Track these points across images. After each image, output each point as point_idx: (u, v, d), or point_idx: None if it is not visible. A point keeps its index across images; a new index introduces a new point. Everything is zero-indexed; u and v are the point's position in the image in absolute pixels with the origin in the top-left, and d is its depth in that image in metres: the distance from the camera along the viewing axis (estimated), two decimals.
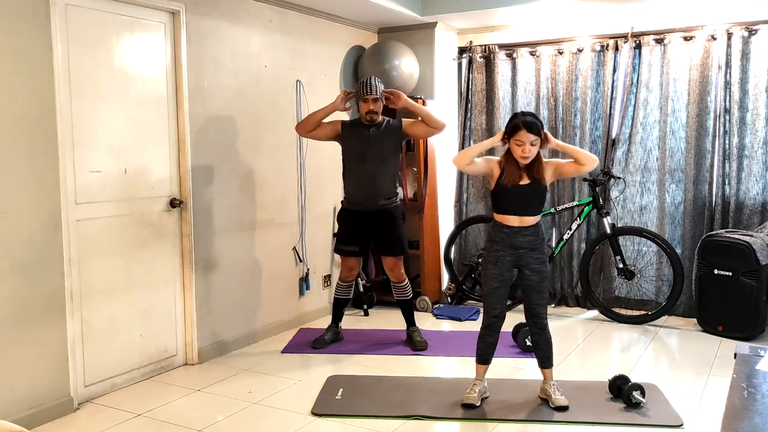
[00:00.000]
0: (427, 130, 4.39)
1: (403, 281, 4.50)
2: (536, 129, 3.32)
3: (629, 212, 5.39)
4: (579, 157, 3.43)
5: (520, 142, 3.31)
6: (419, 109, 4.36)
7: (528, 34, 5.64)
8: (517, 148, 3.34)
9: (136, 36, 3.81)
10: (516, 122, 3.35)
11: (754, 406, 1.77)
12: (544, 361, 3.52)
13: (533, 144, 3.32)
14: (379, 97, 4.28)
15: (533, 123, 3.32)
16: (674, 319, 5.15)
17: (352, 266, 4.53)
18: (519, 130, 3.31)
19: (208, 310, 4.29)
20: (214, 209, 4.31)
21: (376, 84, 4.29)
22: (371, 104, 4.27)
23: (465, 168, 3.49)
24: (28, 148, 3.24)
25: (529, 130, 3.30)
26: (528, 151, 3.32)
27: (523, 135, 3.30)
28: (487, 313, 3.51)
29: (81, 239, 3.53)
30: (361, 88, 4.28)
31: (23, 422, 3.14)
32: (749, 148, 4.92)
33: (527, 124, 3.31)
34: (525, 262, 3.45)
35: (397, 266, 4.47)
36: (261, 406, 3.54)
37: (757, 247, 4.48)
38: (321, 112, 4.36)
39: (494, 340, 3.52)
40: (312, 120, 4.36)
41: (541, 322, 3.49)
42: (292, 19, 4.90)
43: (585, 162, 3.42)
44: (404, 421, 3.33)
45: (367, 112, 4.28)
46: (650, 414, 3.35)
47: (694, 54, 5.04)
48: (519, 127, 3.32)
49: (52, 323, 3.38)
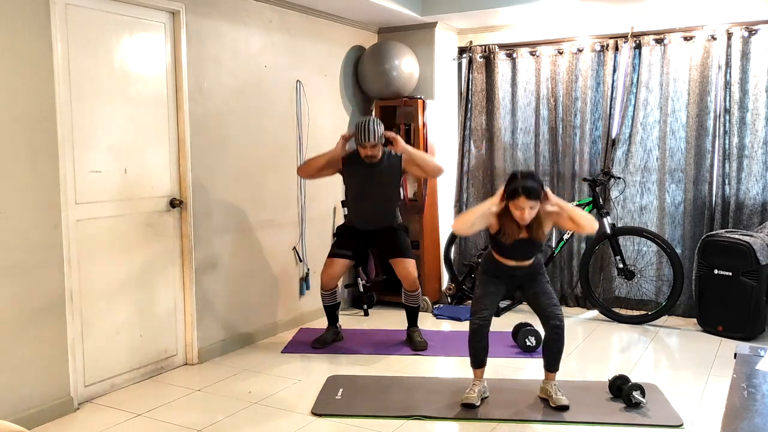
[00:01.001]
0: (423, 173, 4.48)
1: (417, 290, 4.50)
2: (535, 195, 3.24)
3: (629, 212, 5.39)
4: (579, 222, 3.34)
5: (519, 207, 3.26)
6: (418, 156, 4.35)
7: (528, 34, 5.64)
8: (516, 212, 3.29)
9: (136, 36, 3.81)
10: (515, 187, 3.25)
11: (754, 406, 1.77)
12: (551, 365, 3.50)
13: (532, 208, 3.26)
14: (377, 143, 4.24)
15: (533, 189, 3.23)
16: (674, 319, 5.15)
17: (334, 274, 4.47)
18: (518, 197, 3.24)
19: (208, 310, 4.29)
20: (214, 209, 4.31)
21: (375, 128, 4.21)
22: (369, 150, 4.25)
23: (466, 233, 3.46)
24: (28, 148, 3.24)
25: (528, 197, 3.23)
26: (527, 214, 3.27)
27: (522, 201, 3.24)
28: (476, 315, 3.47)
29: (81, 239, 3.53)
30: (359, 133, 4.22)
31: (23, 422, 3.14)
32: (749, 148, 4.92)
33: (527, 190, 3.23)
34: (523, 282, 3.51)
35: (411, 273, 4.43)
36: (261, 406, 3.54)
37: (757, 247, 4.48)
38: (322, 158, 4.35)
39: (484, 345, 3.49)
40: (313, 166, 4.37)
41: (560, 326, 3.42)
42: (292, 19, 4.90)
43: (584, 226, 3.35)
44: (404, 421, 3.33)
45: (365, 156, 4.27)
46: (650, 414, 3.35)
47: (694, 54, 5.04)
48: (518, 193, 3.24)
49: (52, 323, 3.38)
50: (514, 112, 5.72)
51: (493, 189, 5.79)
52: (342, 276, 4.58)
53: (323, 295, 4.55)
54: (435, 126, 5.64)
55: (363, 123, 4.22)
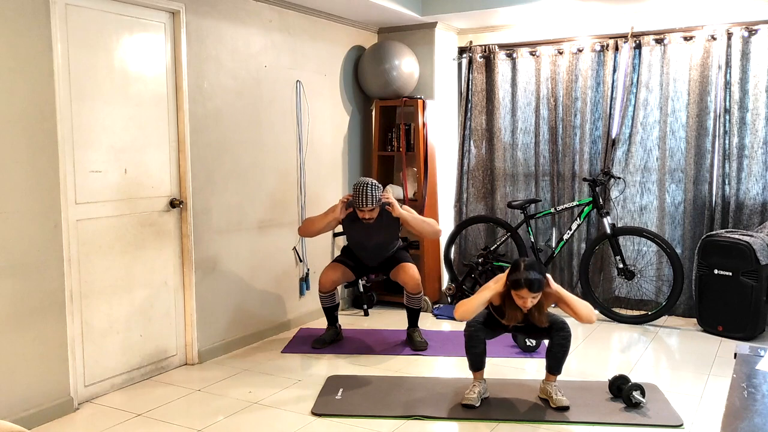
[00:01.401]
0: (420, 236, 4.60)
1: (420, 293, 4.51)
2: (538, 287, 3.23)
3: (629, 212, 5.39)
4: (578, 312, 3.34)
5: (521, 297, 3.26)
6: (412, 221, 4.37)
7: (528, 34, 5.64)
8: (518, 300, 3.29)
9: (136, 36, 3.81)
10: (518, 278, 3.24)
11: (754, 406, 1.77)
12: (554, 368, 3.49)
13: (534, 298, 3.26)
14: (375, 207, 4.26)
15: (536, 281, 3.22)
16: (674, 319, 5.16)
17: (335, 278, 4.51)
18: (521, 288, 3.24)
19: (208, 310, 4.29)
20: (214, 209, 4.31)
21: (372, 194, 4.22)
22: (367, 214, 4.28)
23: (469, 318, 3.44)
24: (28, 148, 3.24)
25: (530, 289, 3.23)
26: (529, 303, 3.27)
27: (525, 293, 3.24)
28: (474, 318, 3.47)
29: (81, 239, 3.53)
30: (357, 198, 4.24)
31: (23, 422, 3.14)
32: (749, 148, 4.92)
33: (529, 282, 3.21)
34: None
35: (414, 276, 4.45)
36: (261, 406, 3.54)
37: (757, 247, 4.48)
38: (323, 222, 4.39)
39: (481, 350, 3.48)
40: (314, 228, 4.43)
41: (567, 336, 3.40)
42: (292, 19, 4.90)
43: (583, 317, 3.34)
44: (404, 421, 3.33)
45: (363, 219, 4.32)
46: (650, 414, 3.35)
47: (694, 54, 5.04)
48: (521, 285, 3.23)
49: (52, 323, 3.38)
50: (514, 112, 5.72)
51: (493, 189, 5.80)
52: (340, 283, 4.60)
53: (321, 296, 4.56)
54: (435, 126, 5.64)
55: (361, 188, 4.23)
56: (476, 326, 3.45)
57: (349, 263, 4.58)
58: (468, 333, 3.47)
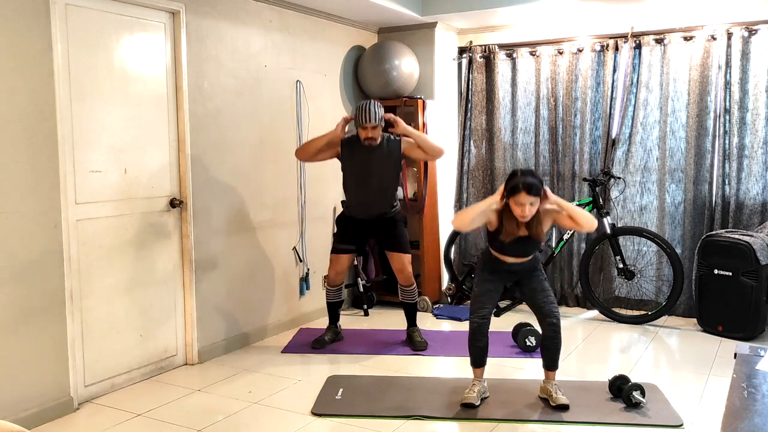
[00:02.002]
0: (425, 155, 4.44)
1: (412, 285, 4.50)
2: (536, 190, 3.27)
3: (629, 212, 5.38)
4: (578, 220, 3.36)
5: (520, 203, 3.28)
6: (418, 136, 4.34)
7: (528, 34, 5.64)
8: (517, 208, 3.30)
9: (136, 36, 3.81)
10: (515, 183, 3.28)
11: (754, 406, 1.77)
12: (550, 363, 3.50)
13: (532, 204, 3.28)
14: (377, 125, 4.23)
15: (533, 184, 3.26)
16: (674, 319, 5.15)
17: (342, 269, 4.48)
18: (518, 192, 3.26)
19: (208, 310, 4.29)
20: (214, 209, 4.31)
21: (375, 110, 4.21)
22: (370, 131, 4.23)
23: (466, 229, 3.48)
24: (28, 148, 3.24)
25: (528, 192, 3.25)
26: (527, 211, 3.29)
27: (523, 197, 3.26)
28: (475, 314, 3.48)
29: (81, 239, 3.53)
30: (359, 114, 4.21)
31: (23, 422, 3.14)
32: (749, 148, 4.92)
33: (527, 185, 3.25)
34: (520, 278, 3.52)
35: (406, 268, 4.44)
36: (261, 406, 3.54)
37: (757, 247, 4.48)
38: (322, 139, 4.34)
39: (484, 344, 3.50)
40: (312, 148, 4.35)
41: (556, 324, 3.43)
42: (292, 19, 4.90)
43: (583, 225, 3.37)
44: (404, 421, 3.33)
45: (365, 138, 4.26)
46: (650, 414, 3.35)
47: (694, 54, 5.04)
48: (518, 189, 3.26)
49: (52, 323, 3.38)
50: (514, 112, 5.72)
51: (493, 189, 5.80)
52: (348, 269, 4.58)
53: (329, 291, 4.55)
54: (435, 126, 5.64)
55: (363, 105, 4.23)
56: (481, 319, 3.47)
57: (348, 247, 4.46)
58: (472, 328, 3.48)
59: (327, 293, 4.58)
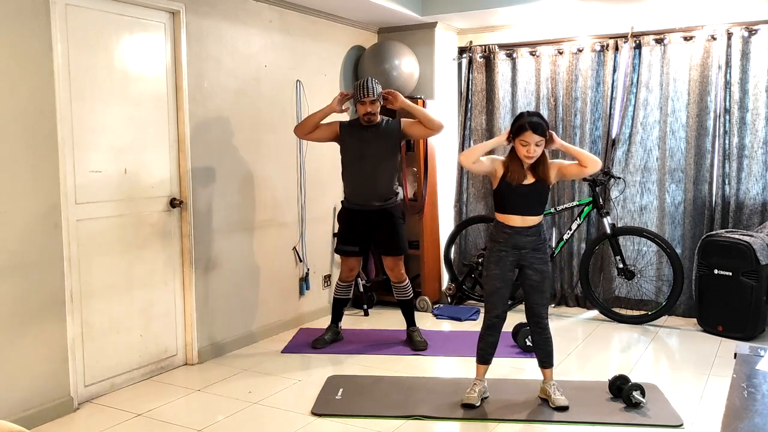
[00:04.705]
0: (425, 131, 4.37)
1: (404, 281, 4.50)
2: (541, 130, 3.31)
3: (629, 212, 5.38)
4: (582, 159, 3.43)
5: (525, 143, 3.32)
6: (417, 110, 4.33)
7: (528, 34, 5.64)
8: (522, 148, 3.34)
9: (136, 36, 3.81)
10: (521, 122, 3.34)
11: (754, 406, 1.77)
12: (544, 360, 3.52)
13: (538, 144, 3.32)
14: (376, 99, 4.25)
15: (539, 124, 3.32)
16: (674, 319, 5.15)
17: (353, 266, 4.53)
18: (524, 131, 3.31)
19: (208, 310, 4.29)
20: (214, 209, 4.31)
21: (374, 86, 4.25)
22: (368, 106, 4.24)
23: (471, 166, 3.48)
24: (28, 148, 3.24)
25: (534, 131, 3.30)
26: (533, 151, 3.32)
27: (528, 136, 3.30)
28: (489, 313, 3.51)
29: (81, 239, 3.53)
30: (358, 90, 4.25)
31: (23, 422, 3.14)
32: (749, 148, 4.92)
33: (533, 125, 3.30)
34: (527, 262, 3.45)
35: (397, 266, 4.46)
36: (261, 406, 3.54)
37: (757, 247, 4.48)
38: (318, 114, 4.35)
39: (495, 340, 3.52)
40: (310, 122, 4.35)
41: (542, 322, 3.49)
42: (292, 19, 4.90)
43: (588, 164, 3.42)
44: (404, 421, 3.33)
45: (364, 114, 4.26)
46: (650, 414, 3.35)
47: (694, 54, 5.04)
48: (524, 128, 3.31)
49: (52, 323, 3.38)
50: (514, 112, 5.71)
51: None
52: (359, 267, 4.64)
53: (340, 286, 4.56)
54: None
55: (362, 80, 4.27)
56: (497, 318, 3.48)
57: (352, 249, 4.46)
58: (486, 323, 3.51)
59: (336, 288, 4.59)
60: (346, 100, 4.40)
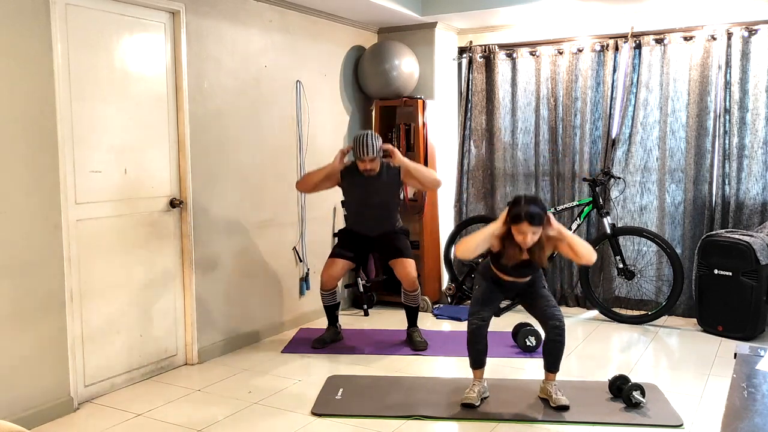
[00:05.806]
0: (421, 186, 4.51)
1: (416, 290, 4.50)
2: (538, 220, 3.23)
3: (629, 212, 5.38)
4: (577, 251, 3.34)
5: (521, 232, 3.26)
6: (415, 170, 4.36)
7: (528, 34, 5.64)
8: (518, 236, 3.28)
9: (136, 36, 3.81)
10: (518, 212, 3.24)
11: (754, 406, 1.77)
12: (552, 366, 3.50)
13: (534, 233, 3.26)
14: (375, 157, 4.25)
15: (536, 215, 3.22)
16: (674, 319, 5.15)
17: (335, 273, 4.46)
18: (521, 222, 3.24)
19: (208, 310, 4.29)
20: (214, 209, 4.31)
21: (374, 143, 4.22)
22: (368, 164, 4.27)
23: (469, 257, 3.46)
24: (28, 148, 3.24)
25: (531, 223, 3.22)
26: (529, 239, 3.27)
27: (525, 226, 3.23)
28: (474, 316, 3.47)
29: (81, 239, 3.53)
30: (358, 148, 4.23)
31: (23, 422, 3.14)
32: (749, 148, 4.92)
33: (530, 216, 3.21)
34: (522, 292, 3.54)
35: (411, 273, 4.43)
36: (261, 406, 3.54)
37: (757, 247, 4.48)
38: (320, 172, 4.39)
39: (483, 346, 3.49)
40: (311, 181, 4.40)
41: (560, 327, 3.42)
42: (292, 19, 4.90)
43: (582, 257, 3.34)
44: (404, 421, 3.33)
45: (364, 170, 4.29)
46: (650, 414, 3.35)
47: (694, 54, 5.04)
48: (521, 219, 3.23)
49: (52, 323, 3.38)
50: (514, 112, 5.72)
51: (493, 189, 5.80)
52: (342, 277, 4.58)
53: (323, 294, 4.55)
54: (435, 126, 5.64)
55: (361, 137, 4.24)
56: (479, 322, 3.46)
57: (347, 254, 4.49)
58: (471, 329, 3.48)
59: (321, 297, 4.59)
60: (346, 156, 4.41)
